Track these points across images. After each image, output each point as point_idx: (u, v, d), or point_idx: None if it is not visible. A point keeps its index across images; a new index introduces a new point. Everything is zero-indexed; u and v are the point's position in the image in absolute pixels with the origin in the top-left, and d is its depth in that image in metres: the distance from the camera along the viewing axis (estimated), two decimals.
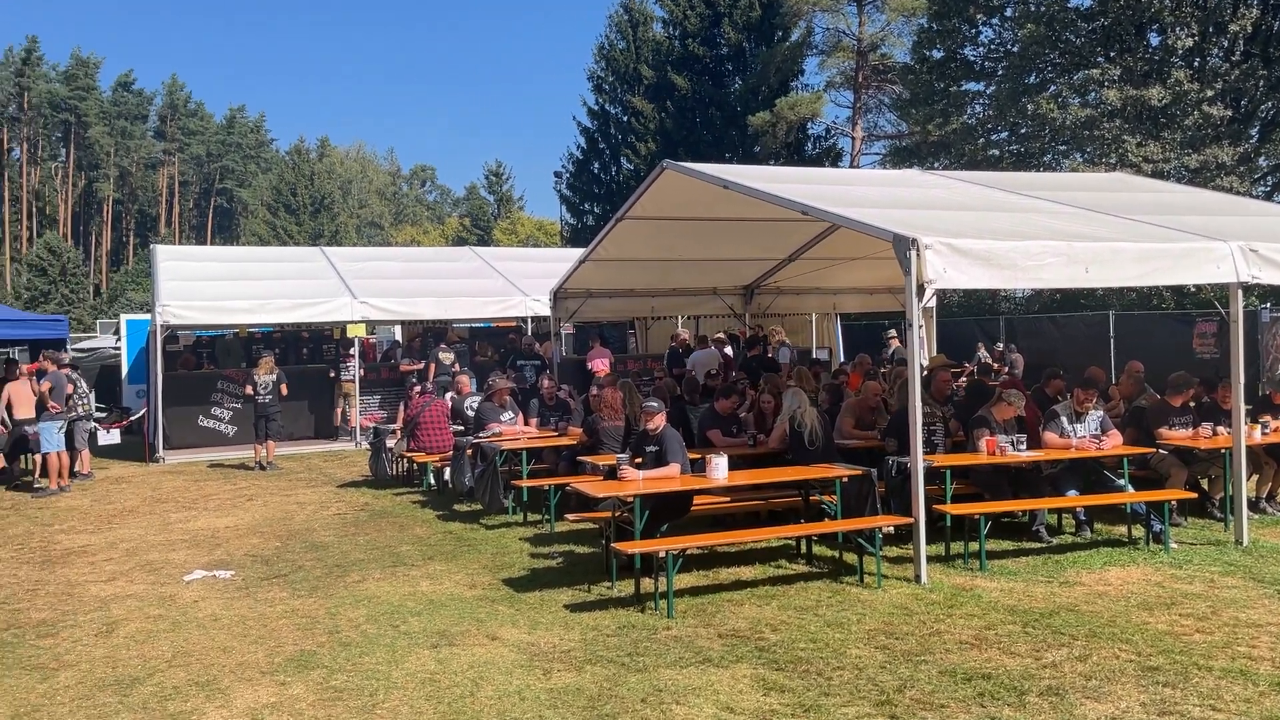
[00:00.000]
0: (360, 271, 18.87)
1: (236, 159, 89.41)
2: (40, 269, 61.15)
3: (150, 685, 5.67)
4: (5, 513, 11.69)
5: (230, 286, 17.46)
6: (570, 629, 6.49)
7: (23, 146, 77.34)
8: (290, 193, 68.91)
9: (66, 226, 76.32)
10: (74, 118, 77.27)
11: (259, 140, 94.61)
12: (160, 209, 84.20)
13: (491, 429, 11.19)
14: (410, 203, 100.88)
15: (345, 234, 71.87)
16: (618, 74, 42.68)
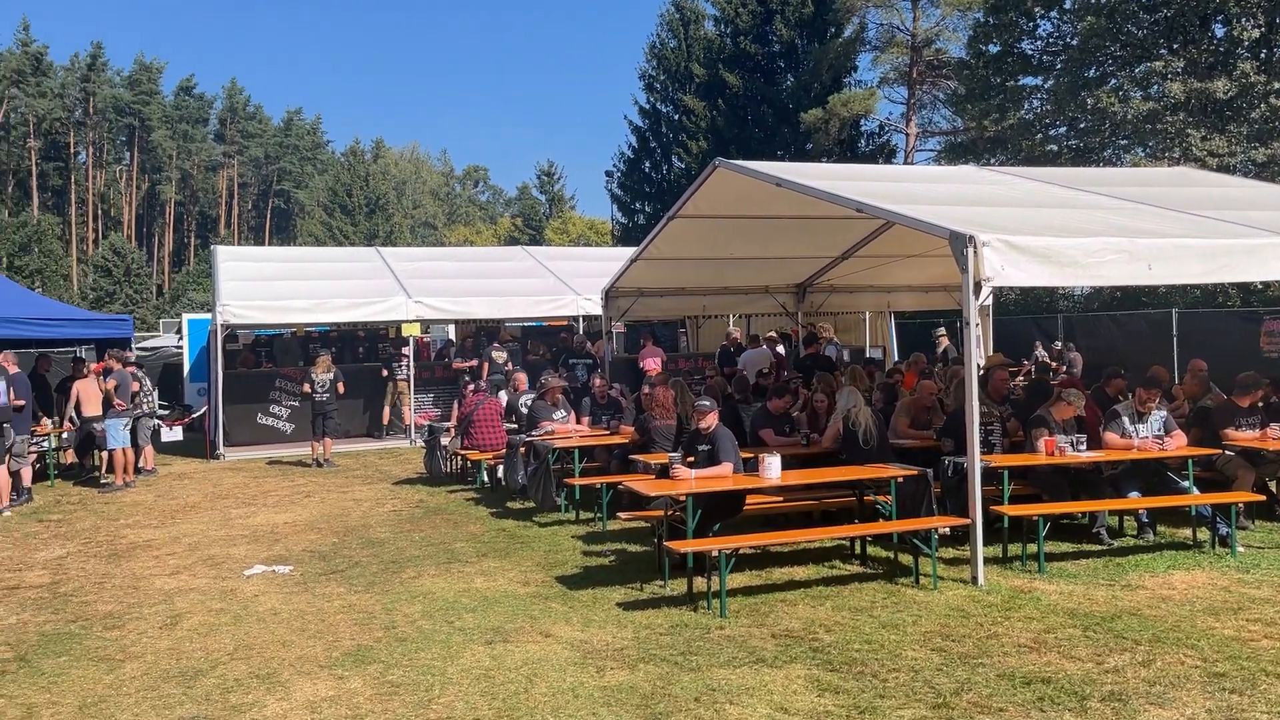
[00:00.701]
0: (415, 271, 19.08)
1: (294, 161, 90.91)
2: (105, 270, 62.70)
3: (213, 677, 5.79)
4: (73, 507, 12.01)
5: (288, 286, 17.75)
6: (623, 627, 6.50)
7: (89, 150, 79.35)
8: (346, 194, 69.93)
9: (130, 228, 78.20)
10: (138, 122, 79.12)
11: (315, 142, 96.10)
12: (220, 210, 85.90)
13: (544, 427, 11.25)
14: (463, 203, 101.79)
15: (399, 234, 72.74)
16: (669, 72, 42.68)
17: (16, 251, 58.04)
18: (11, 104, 72.45)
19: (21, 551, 9.50)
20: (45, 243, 61.75)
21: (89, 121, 77.72)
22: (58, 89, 75.40)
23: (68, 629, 6.87)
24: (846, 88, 36.05)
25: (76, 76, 77.01)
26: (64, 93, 75.87)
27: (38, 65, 74.81)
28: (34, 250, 59.88)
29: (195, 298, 53.87)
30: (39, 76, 74.45)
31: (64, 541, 9.95)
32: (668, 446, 9.32)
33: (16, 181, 74.58)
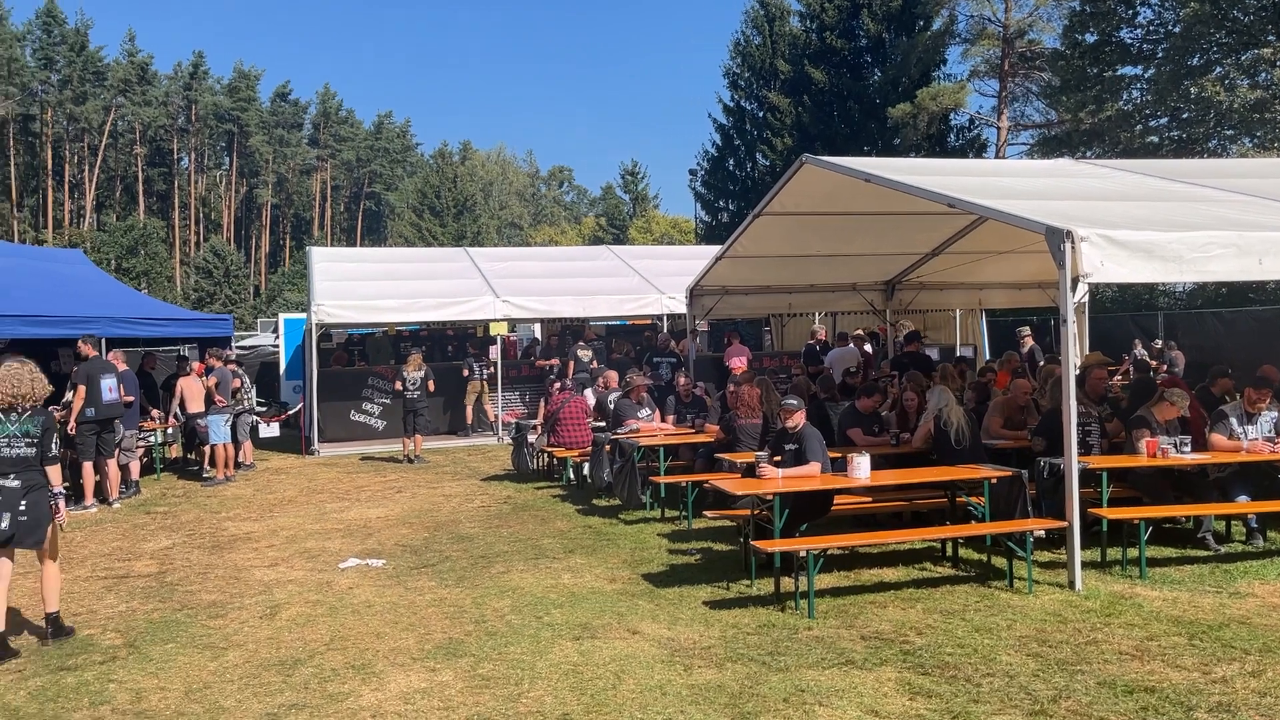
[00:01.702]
0: (502, 271, 19.34)
1: (384, 164, 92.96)
2: (206, 271, 65.01)
3: (310, 667, 5.95)
4: (178, 500, 12.47)
5: (380, 286, 18.14)
6: (710, 626, 6.49)
7: (191, 156, 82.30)
8: (435, 195, 71.16)
9: (229, 231, 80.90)
10: (236, 128, 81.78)
11: (405, 145, 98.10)
12: (314, 213, 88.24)
13: (629, 425, 11.30)
14: (548, 203, 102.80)
15: (486, 235, 73.78)
16: (754, 69, 42.45)
17: (124, 254, 60.52)
18: (119, 112, 75.58)
19: (130, 542, 9.90)
20: (150, 246, 64.29)
21: (191, 128, 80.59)
22: (162, 97, 78.40)
23: (174, 617, 7.13)
24: (935, 81, 35.36)
25: (179, 85, 79.92)
26: (168, 101, 78.84)
27: (143, 75, 77.91)
28: (140, 253, 62.40)
29: (290, 298, 55.49)
30: (144, 86, 77.53)
31: (170, 533, 10.34)
32: (753, 445, 9.28)
33: (124, 187, 77.82)
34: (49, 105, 72.68)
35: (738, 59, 43.42)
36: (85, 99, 73.63)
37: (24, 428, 6.44)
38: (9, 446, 6.38)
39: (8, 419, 6.43)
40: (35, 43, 74.07)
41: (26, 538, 6.38)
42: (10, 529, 6.29)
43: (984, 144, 36.60)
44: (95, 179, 74.65)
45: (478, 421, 18.37)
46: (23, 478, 6.37)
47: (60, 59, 73.72)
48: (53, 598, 6.69)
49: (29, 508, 6.35)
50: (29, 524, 6.35)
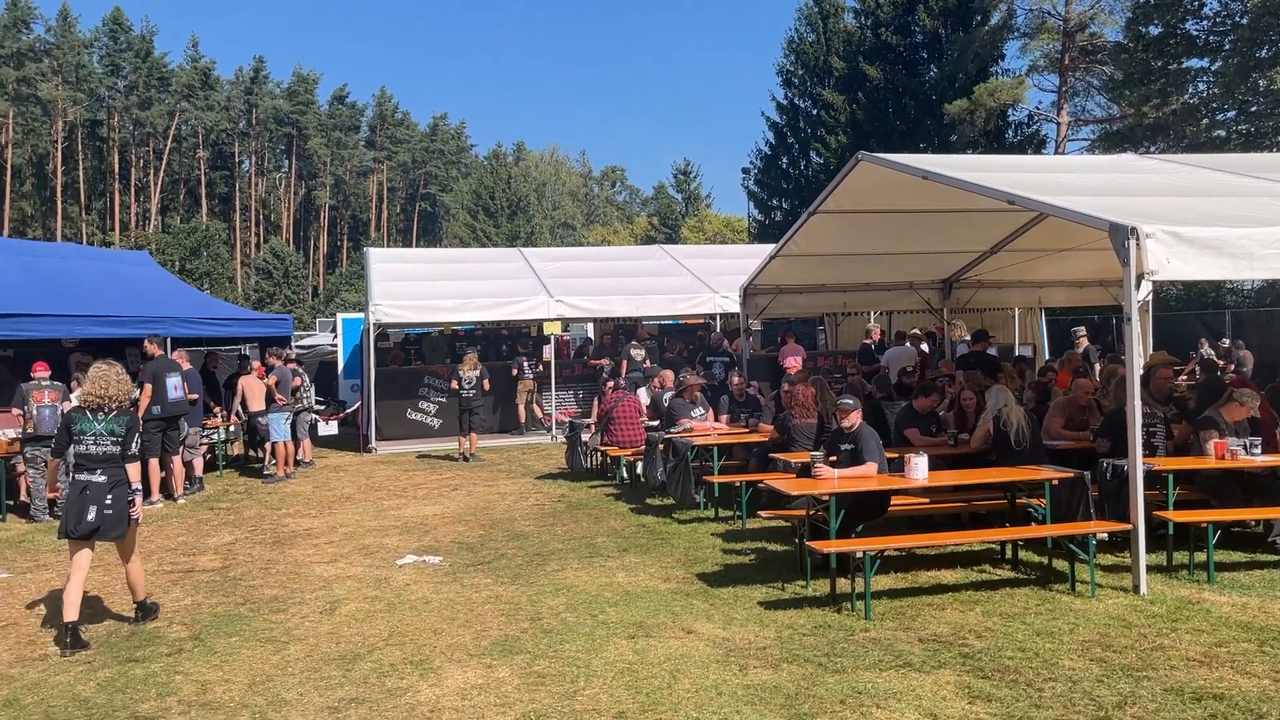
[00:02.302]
0: (556, 271, 19.43)
1: (439, 165, 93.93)
2: (266, 272, 66.25)
3: (369, 662, 6.04)
4: (240, 496, 12.72)
5: (436, 286, 18.33)
6: (765, 626, 6.46)
7: (251, 159, 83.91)
8: (489, 196, 71.75)
9: (288, 232, 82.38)
10: (295, 131, 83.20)
11: (460, 147, 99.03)
12: (370, 214, 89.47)
13: (683, 424, 11.29)
14: (601, 203, 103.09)
15: (539, 235, 74.22)
16: (807, 67, 42.19)
17: (188, 255, 61.90)
18: (182, 117, 77.30)
19: (195, 537, 10.11)
20: (213, 247, 65.67)
21: (252, 131, 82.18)
22: (224, 102, 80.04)
23: (237, 611, 7.27)
24: (993, 77, 34.83)
25: (241, 90, 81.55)
26: (229, 105, 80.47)
27: (206, 80, 79.62)
28: (203, 254, 63.77)
29: (348, 298, 56.29)
30: (207, 90, 79.22)
31: (232, 529, 10.55)
32: (808, 445, 9.22)
33: (188, 190, 79.57)
34: (115, 110, 74.60)
35: (791, 56, 43.17)
36: (150, 104, 75.45)
37: (110, 426, 6.68)
38: (95, 444, 6.64)
39: (95, 418, 6.68)
40: (102, 49, 76.09)
41: (111, 531, 6.63)
42: (96, 522, 6.55)
43: (1043, 140, 35.97)
44: (160, 182, 76.44)
45: (530, 420, 18.48)
46: (108, 474, 6.63)
47: (126, 65, 75.65)
48: (139, 588, 7.01)
49: (113, 502, 6.60)
50: (114, 518, 6.60)
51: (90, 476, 6.60)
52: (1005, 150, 33.27)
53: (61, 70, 71.77)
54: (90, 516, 6.53)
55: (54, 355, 12.64)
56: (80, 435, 6.67)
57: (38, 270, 14.31)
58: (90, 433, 6.65)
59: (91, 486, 6.58)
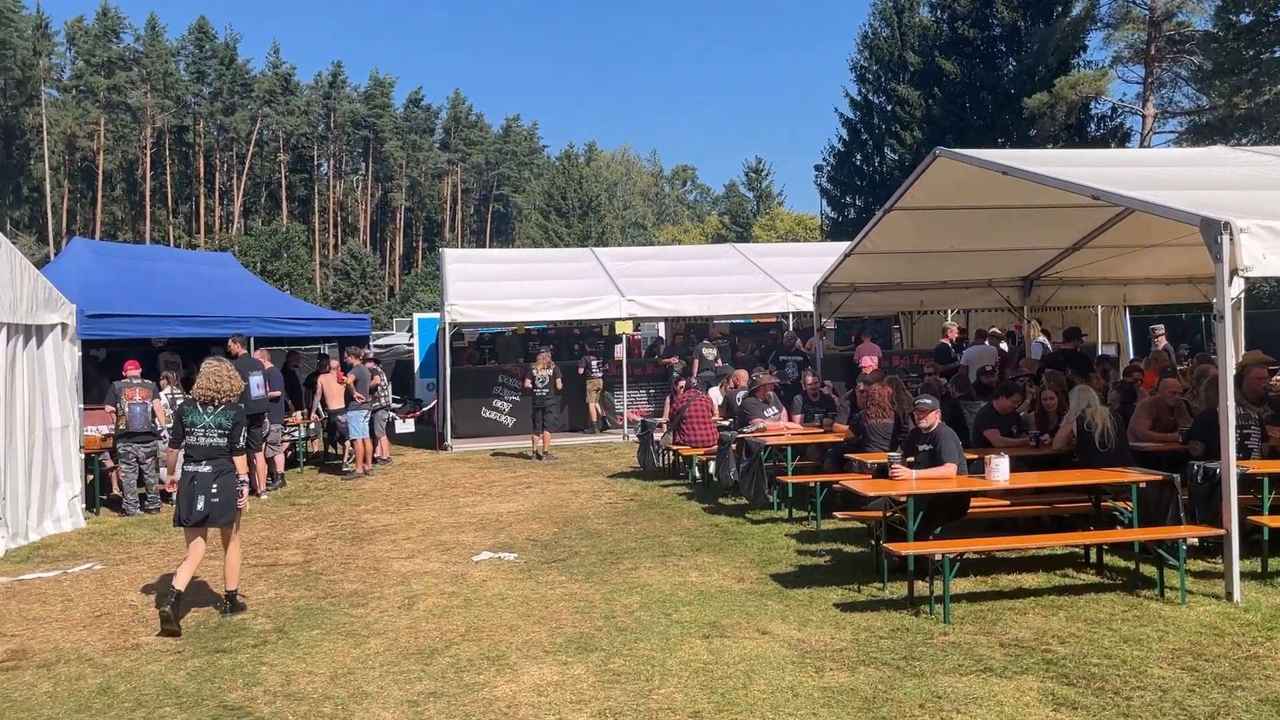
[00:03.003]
0: (628, 270, 19.48)
1: (512, 166, 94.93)
2: (344, 273, 67.68)
3: (447, 657, 6.12)
4: (320, 493, 13.00)
5: (510, 286, 18.52)
6: (841, 628, 6.39)
7: (330, 162, 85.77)
8: (560, 196, 72.28)
9: (365, 234, 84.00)
10: (372, 134, 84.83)
11: (532, 148, 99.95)
12: (445, 215, 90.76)
13: (755, 424, 11.23)
14: (671, 203, 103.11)
15: (610, 235, 74.52)
16: (882, 62, 41.68)
17: (269, 257, 63.46)
18: (264, 122, 79.34)
19: (277, 532, 10.36)
20: (293, 249, 67.24)
21: (330, 135, 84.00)
22: (303, 106, 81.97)
23: (319, 605, 7.43)
24: (1075, 69, 33.93)
25: (320, 94, 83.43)
26: (309, 110, 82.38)
27: (286, 85, 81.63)
28: (283, 255, 65.32)
29: (423, 298, 57.19)
30: (287, 95, 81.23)
31: (313, 524, 10.79)
32: (884, 445, 9.10)
33: (269, 193, 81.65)
34: (200, 116, 76.90)
35: (865, 52, 42.69)
36: (234, 110, 77.62)
37: (218, 419, 7.07)
38: (205, 436, 7.04)
39: (204, 411, 7.08)
40: (189, 58, 78.53)
41: (220, 518, 7.02)
42: (205, 510, 6.93)
43: (1127, 133, 34.97)
44: (242, 186, 78.59)
45: (602, 419, 18.56)
46: (214, 464, 7.01)
47: (211, 72, 77.95)
48: (233, 577, 7.28)
49: (219, 490, 6.98)
50: (221, 505, 6.98)
51: (197, 467, 6.98)
52: (1087, 144, 32.39)
53: (150, 78, 74.23)
54: (199, 505, 6.91)
55: (144, 355, 13.04)
56: (191, 427, 7.06)
57: (128, 272, 14.79)
58: (200, 425, 7.04)
59: (199, 477, 6.96)
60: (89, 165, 73.31)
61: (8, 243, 9.57)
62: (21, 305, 9.75)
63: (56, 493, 10.51)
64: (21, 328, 9.83)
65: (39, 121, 67.30)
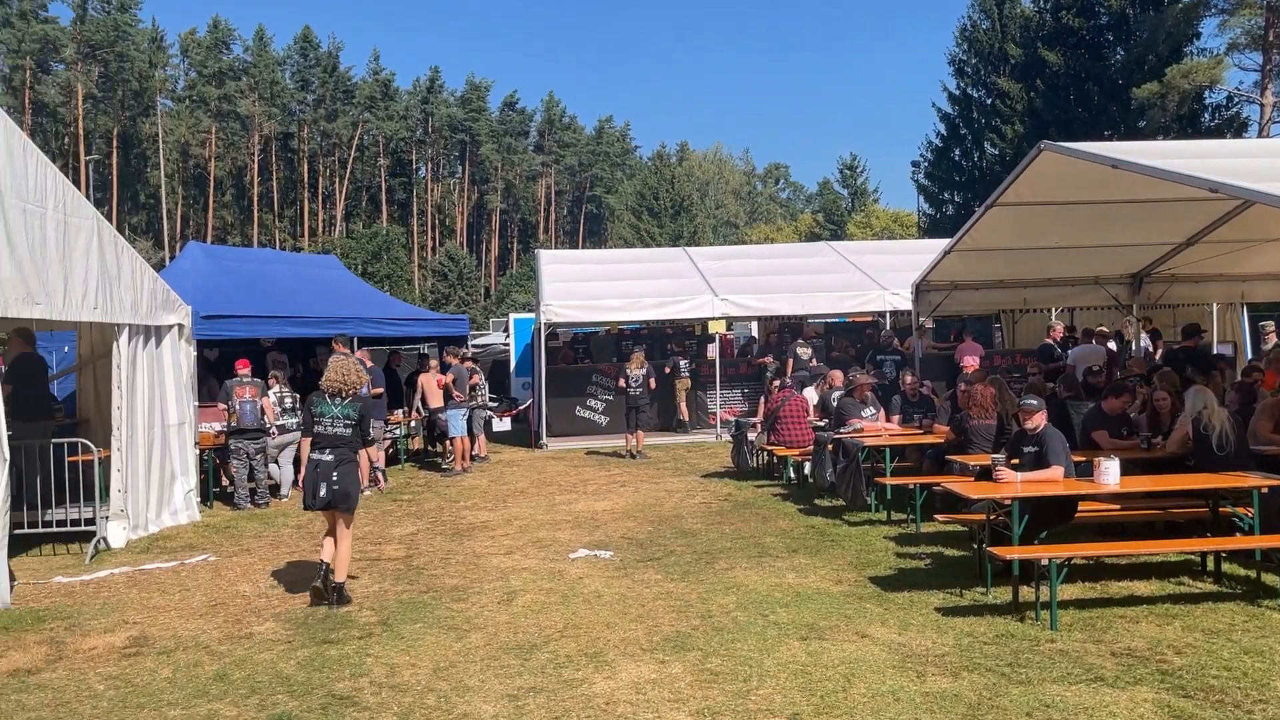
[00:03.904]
0: (721, 270, 19.43)
1: (604, 167, 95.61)
2: (442, 274, 69.07)
3: (546, 652, 6.19)
4: (421, 489, 13.28)
5: (604, 286, 18.65)
6: (943, 633, 6.26)
7: (428, 166, 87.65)
8: (653, 196, 72.54)
9: (462, 236, 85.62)
10: (468, 137, 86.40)
11: (624, 149, 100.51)
12: (539, 217, 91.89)
13: (853, 424, 11.08)
14: (764, 201, 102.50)
15: (702, 234, 74.47)
16: (981, 55, 40.74)
17: (369, 259, 65.15)
18: (365, 127, 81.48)
19: (380, 527, 10.62)
20: (392, 251, 68.90)
21: (428, 139, 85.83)
22: (402, 111, 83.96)
23: (421, 599, 7.59)
24: (1187, 57, 32.66)
25: (418, 99, 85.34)
26: (407, 114, 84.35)
27: (386, 91, 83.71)
28: (383, 257, 66.97)
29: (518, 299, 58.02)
30: (387, 101, 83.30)
31: (414, 520, 11.03)
32: (987, 447, 8.89)
33: (369, 197, 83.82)
34: (304, 123, 79.37)
35: (964, 45, 41.79)
36: (336, 116, 79.92)
37: (345, 410, 7.43)
38: (331, 426, 7.38)
39: (333, 402, 7.44)
40: (294, 66, 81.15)
41: (340, 504, 7.34)
42: (327, 496, 7.27)
43: (1244, 123, 33.47)
44: (344, 190, 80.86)
45: (692, 418, 18.56)
46: (336, 453, 7.34)
47: (315, 80, 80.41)
48: (342, 570, 7.49)
49: (340, 478, 7.29)
50: (340, 493, 7.30)
51: (321, 455, 7.32)
52: (1201, 135, 31.16)
53: (258, 87, 76.96)
54: (322, 492, 7.26)
55: (253, 354, 13.51)
56: (319, 417, 7.41)
57: (239, 274, 15.34)
58: (327, 415, 7.39)
59: (322, 465, 7.30)
60: (201, 172, 76.33)
61: (129, 247, 10.02)
62: (142, 307, 10.20)
63: (174, 487, 10.96)
64: (142, 328, 10.28)
65: (155, 131, 70.35)
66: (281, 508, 12.05)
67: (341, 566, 7.50)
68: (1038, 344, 16.45)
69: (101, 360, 11.15)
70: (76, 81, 69.14)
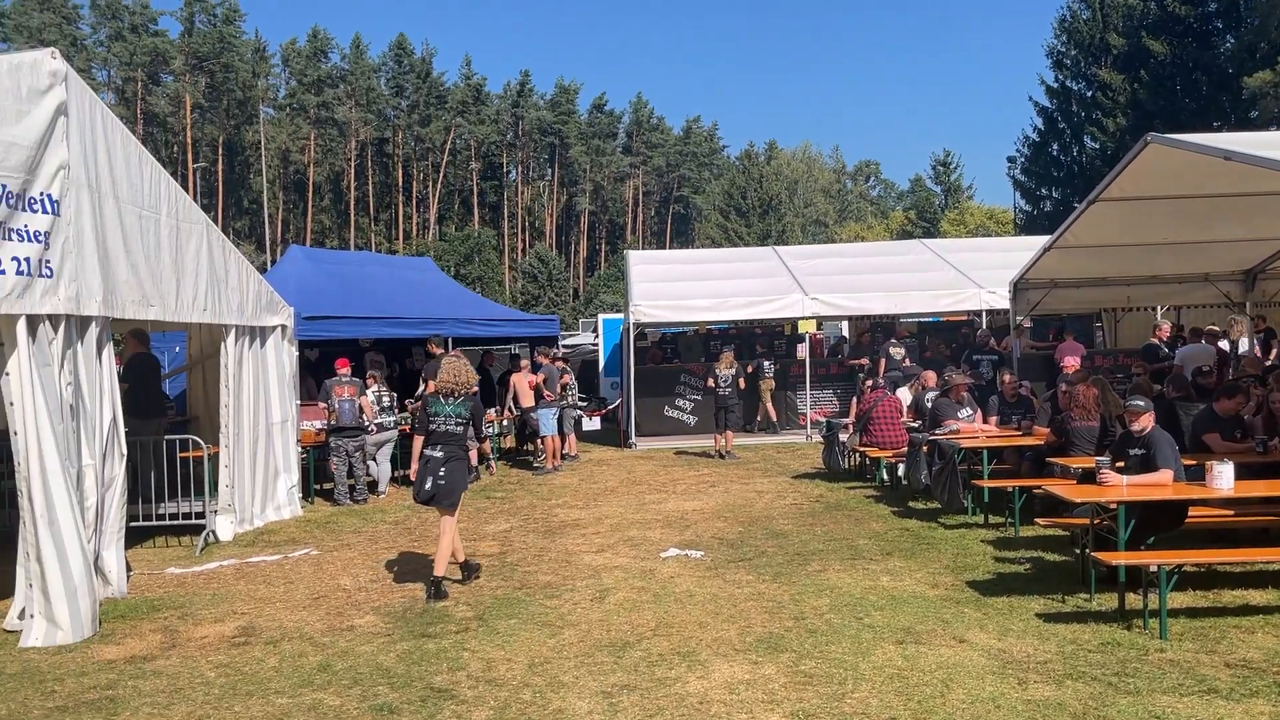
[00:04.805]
0: (811, 269, 19.23)
1: (692, 167, 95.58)
2: (532, 276, 69.86)
3: (639, 650, 6.22)
4: (513, 487, 13.47)
5: (692, 286, 18.63)
6: (1045, 639, 6.10)
7: (518, 169, 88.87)
8: (741, 196, 72.29)
9: (551, 238, 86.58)
10: (558, 140, 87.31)
11: (712, 148, 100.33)
12: (626, 218, 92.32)
13: (948, 426, 10.87)
14: (854, 199, 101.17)
15: (791, 233, 73.88)
16: (1081, 46, 39.55)
17: (462, 261, 66.33)
18: (457, 131, 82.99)
19: (474, 524, 10.80)
20: (484, 253, 70.04)
21: (518, 142, 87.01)
22: (493, 115, 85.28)
23: (515, 595, 7.70)
24: None
25: (508, 103, 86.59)
26: (498, 118, 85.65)
27: (477, 96, 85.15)
28: (475, 259, 68.11)
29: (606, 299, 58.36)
30: (478, 105, 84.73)
31: (507, 517, 11.19)
32: (1089, 449, 8.64)
33: (461, 200, 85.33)
34: (399, 128, 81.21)
35: (1063, 36, 40.61)
36: (429, 121, 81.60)
37: (457, 409, 7.76)
38: (444, 424, 7.71)
39: (446, 402, 7.76)
40: (388, 73, 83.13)
41: (444, 500, 7.64)
42: (432, 490, 7.60)
43: None
44: (437, 193, 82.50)
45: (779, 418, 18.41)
46: (445, 450, 7.67)
47: (409, 86, 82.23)
48: (441, 564, 7.73)
49: (446, 474, 7.61)
50: (446, 488, 7.62)
51: (432, 452, 7.66)
52: None
53: (354, 94, 79.05)
54: (428, 485, 7.60)
55: (351, 354, 13.87)
56: (434, 416, 7.74)
57: (339, 277, 15.76)
58: (441, 414, 7.72)
59: (432, 460, 7.64)
60: (300, 177, 78.72)
61: (236, 251, 10.40)
62: (248, 308, 10.56)
63: (277, 482, 11.32)
64: (248, 329, 10.65)
65: (258, 138, 72.79)
66: (379, 504, 12.35)
67: (442, 561, 7.71)
68: (1141, 343, 15.90)
69: (210, 360, 11.60)
70: (184, 92, 72.05)
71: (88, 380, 7.41)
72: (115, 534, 7.78)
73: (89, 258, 7.43)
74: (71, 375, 7.18)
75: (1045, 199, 41.06)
